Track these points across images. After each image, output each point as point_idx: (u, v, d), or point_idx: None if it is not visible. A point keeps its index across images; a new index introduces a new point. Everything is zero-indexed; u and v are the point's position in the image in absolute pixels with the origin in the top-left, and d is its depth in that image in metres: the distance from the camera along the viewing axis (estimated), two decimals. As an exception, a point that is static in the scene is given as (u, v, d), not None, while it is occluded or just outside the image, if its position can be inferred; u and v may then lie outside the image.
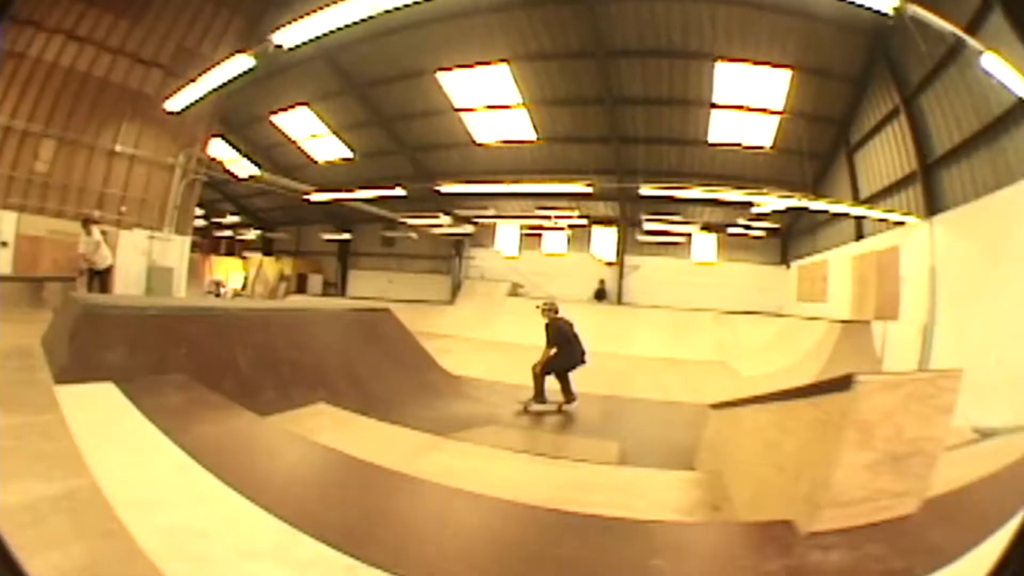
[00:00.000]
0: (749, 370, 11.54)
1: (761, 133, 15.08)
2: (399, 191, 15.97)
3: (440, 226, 19.06)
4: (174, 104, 12.08)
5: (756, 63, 12.83)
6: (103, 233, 10.32)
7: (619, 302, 19.23)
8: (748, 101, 14.10)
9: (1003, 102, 7.99)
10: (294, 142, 19.09)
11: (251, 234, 24.63)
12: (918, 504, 2.21)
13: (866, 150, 13.25)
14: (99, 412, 3.68)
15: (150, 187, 12.97)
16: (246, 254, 25.77)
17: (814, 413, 2.43)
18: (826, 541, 2.05)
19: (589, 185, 14.52)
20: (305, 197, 17.12)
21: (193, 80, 11.47)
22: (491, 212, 18.92)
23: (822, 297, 14.89)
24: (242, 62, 10.32)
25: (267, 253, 25.26)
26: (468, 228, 19.48)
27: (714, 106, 14.49)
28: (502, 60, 14.48)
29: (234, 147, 17.26)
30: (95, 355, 4.48)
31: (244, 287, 24.61)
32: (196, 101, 11.72)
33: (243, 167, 16.26)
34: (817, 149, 14.81)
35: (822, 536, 2.07)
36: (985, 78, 7.34)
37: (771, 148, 15.33)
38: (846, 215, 13.31)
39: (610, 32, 13.17)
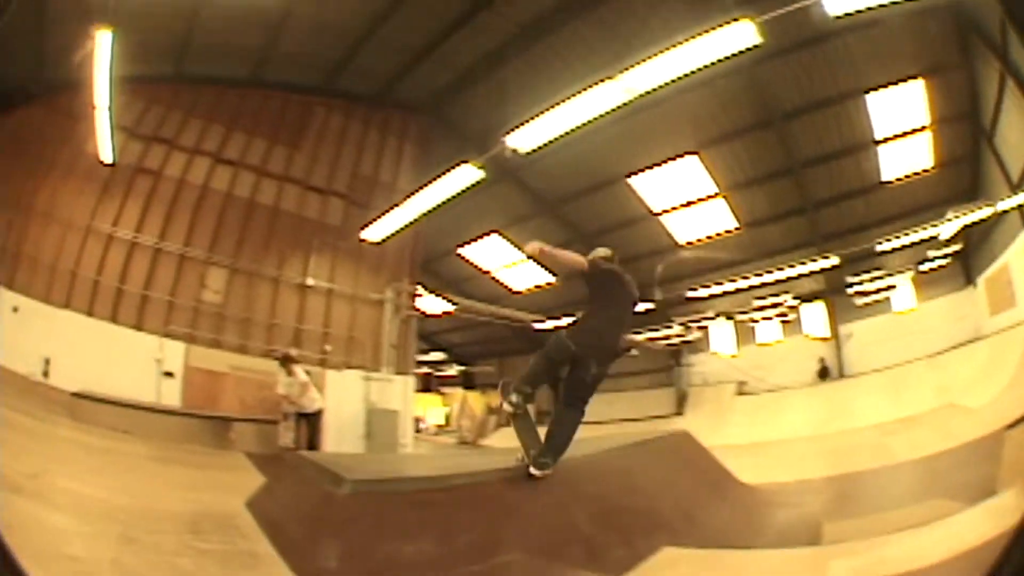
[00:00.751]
0: (977, 401, 10.88)
1: (920, 155, 14.19)
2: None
3: (668, 337, 17.77)
4: (372, 234, 11.51)
5: (895, 83, 12.25)
6: (307, 373, 9.07)
7: (841, 376, 17.36)
8: (901, 126, 13.41)
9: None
10: (487, 273, 18.17)
11: (451, 369, 24.07)
12: None
13: (1000, 130, 12.20)
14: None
15: (357, 324, 11.90)
16: (444, 390, 25.23)
17: None
18: None
19: (825, 256, 14.10)
20: (535, 326, 16.16)
21: (397, 205, 10.84)
22: (707, 313, 17.80)
23: (1011, 303, 13.87)
24: (467, 174, 9.63)
25: (468, 387, 24.37)
26: (696, 333, 18.17)
27: (876, 143, 13.78)
28: (690, 152, 13.80)
29: (418, 283, 16.74)
30: (384, 546, 2.79)
31: (447, 423, 23.88)
32: (401, 228, 11.20)
33: (434, 303, 15.43)
34: (967, 151, 13.71)
35: None
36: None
37: (933, 168, 14.23)
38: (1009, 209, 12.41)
39: (774, 93, 12.70)
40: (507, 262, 17.51)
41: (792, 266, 15.01)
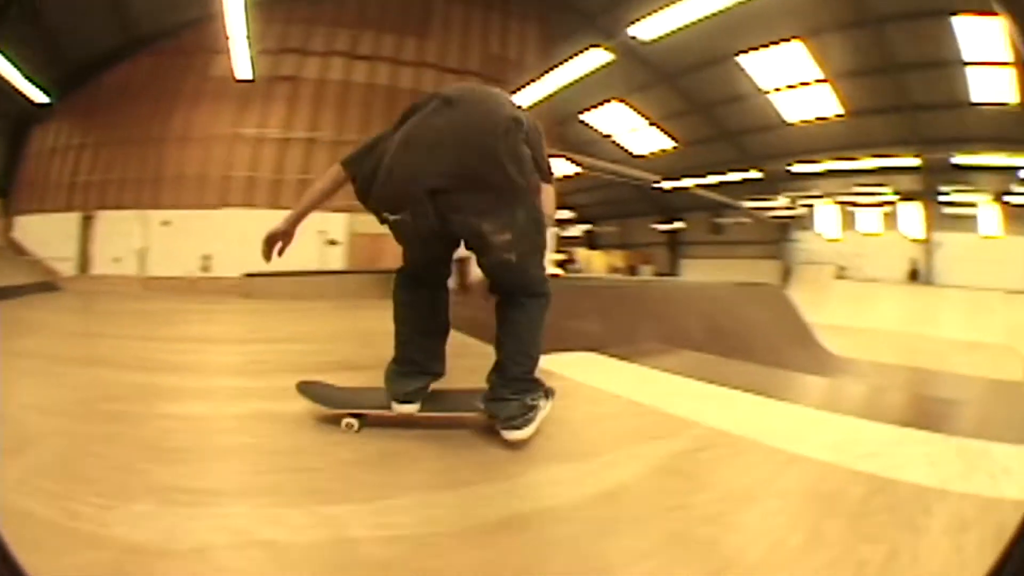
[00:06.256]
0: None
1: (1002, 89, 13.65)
2: (751, 175, 16.90)
3: (777, 208, 18.85)
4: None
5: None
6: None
7: (928, 282, 18.07)
8: (986, 55, 12.95)
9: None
10: (609, 137, 19.08)
11: (575, 229, 24.90)
12: None
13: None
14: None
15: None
16: (567, 249, 26.50)
17: None
18: None
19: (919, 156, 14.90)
20: (655, 186, 17.83)
21: (532, 81, 11.75)
22: (813, 192, 18.68)
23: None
24: (597, 57, 11.21)
25: (591, 247, 25.43)
26: (802, 210, 19.00)
27: (965, 64, 13.44)
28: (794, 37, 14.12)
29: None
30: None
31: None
32: (535, 103, 12.05)
33: (561, 165, 16.35)
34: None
35: None
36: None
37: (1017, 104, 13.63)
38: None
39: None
40: (628, 127, 18.46)
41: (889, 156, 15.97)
